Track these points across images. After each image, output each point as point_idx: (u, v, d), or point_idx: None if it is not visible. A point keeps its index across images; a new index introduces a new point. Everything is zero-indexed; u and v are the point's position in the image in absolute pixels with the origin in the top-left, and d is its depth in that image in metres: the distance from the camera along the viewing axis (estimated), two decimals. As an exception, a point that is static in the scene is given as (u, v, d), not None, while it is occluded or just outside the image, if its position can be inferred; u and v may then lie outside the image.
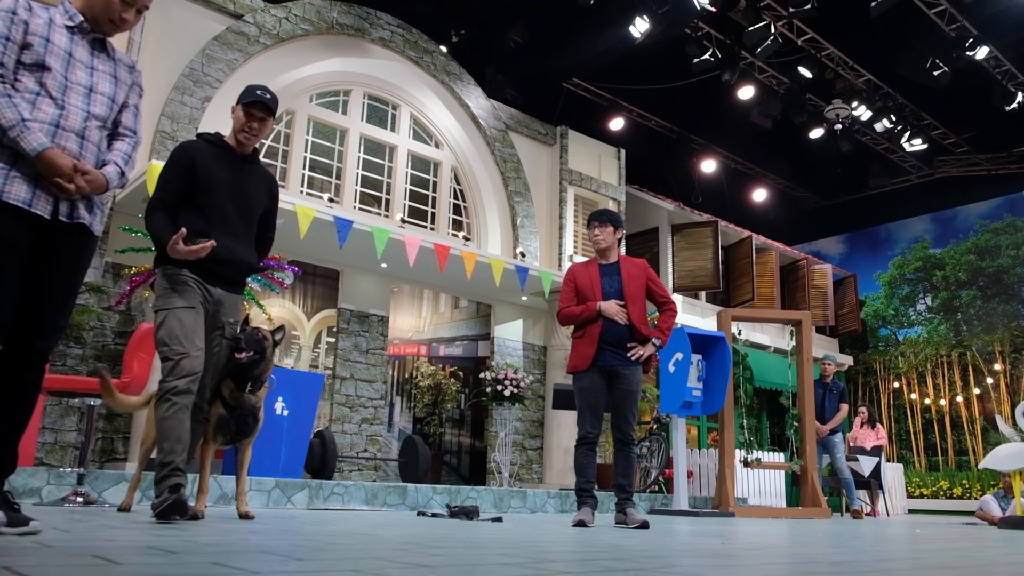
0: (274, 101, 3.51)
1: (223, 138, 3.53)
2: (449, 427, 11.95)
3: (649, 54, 12.11)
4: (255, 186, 3.55)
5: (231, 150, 3.50)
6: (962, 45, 11.51)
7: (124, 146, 2.67)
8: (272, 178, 3.73)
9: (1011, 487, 7.89)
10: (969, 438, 15.57)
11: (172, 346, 3.17)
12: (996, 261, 16.22)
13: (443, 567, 1.74)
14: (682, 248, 13.90)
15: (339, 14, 10.14)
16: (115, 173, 2.58)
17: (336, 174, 10.14)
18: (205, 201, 3.35)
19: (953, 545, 3.56)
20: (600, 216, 4.87)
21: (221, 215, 3.36)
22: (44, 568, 1.44)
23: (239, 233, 3.43)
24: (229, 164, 3.46)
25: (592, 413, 4.64)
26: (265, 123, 3.48)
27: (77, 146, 2.47)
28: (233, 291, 3.49)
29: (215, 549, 1.95)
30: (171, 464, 3.06)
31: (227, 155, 3.48)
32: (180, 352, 3.16)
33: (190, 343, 3.19)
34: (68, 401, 6.68)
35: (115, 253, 7.42)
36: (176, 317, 3.21)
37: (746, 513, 7.76)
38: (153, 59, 8.46)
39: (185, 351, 3.16)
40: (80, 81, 2.53)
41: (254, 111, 3.43)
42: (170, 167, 3.40)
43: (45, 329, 2.42)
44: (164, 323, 3.21)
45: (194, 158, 3.38)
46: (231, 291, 3.47)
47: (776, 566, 2.16)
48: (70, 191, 2.39)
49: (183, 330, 3.20)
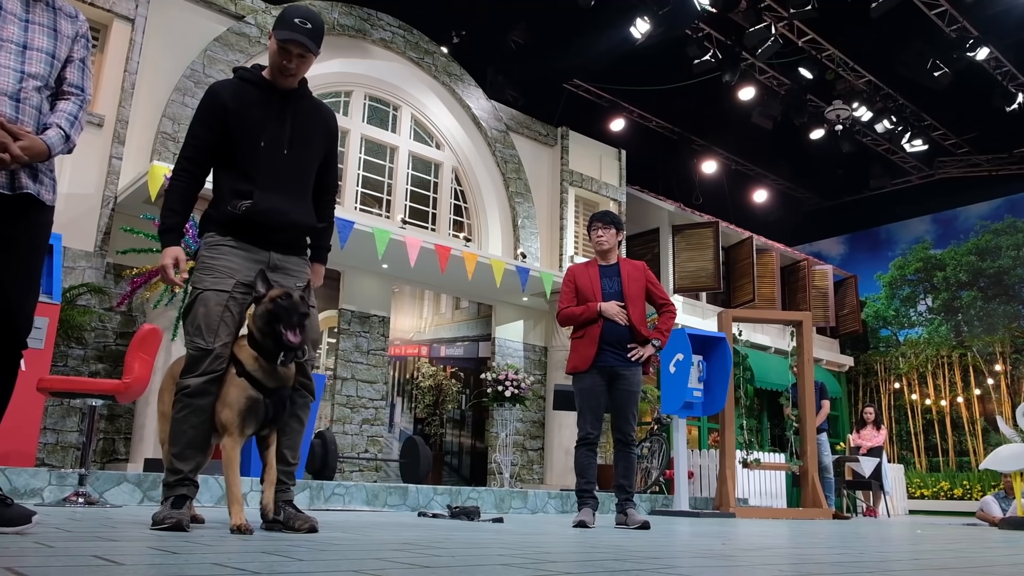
0: (315, 33, 2.81)
1: (261, 72, 2.92)
2: (450, 428, 11.94)
3: (650, 55, 12.12)
4: (308, 127, 2.94)
5: (272, 87, 2.88)
6: (963, 46, 11.51)
7: (69, 106, 2.40)
8: (329, 112, 3.09)
9: (1012, 488, 7.88)
10: (970, 439, 15.56)
11: (194, 339, 2.73)
12: (997, 262, 16.21)
13: (444, 568, 1.75)
14: (683, 249, 13.90)
15: (340, 15, 10.15)
16: (58, 138, 2.32)
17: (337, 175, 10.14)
18: (246, 154, 2.80)
19: (954, 546, 3.56)
20: (603, 217, 4.91)
21: (268, 169, 2.80)
22: (45, 568, 1.44)
23: (291, 189, 2.87)
24: (272, 105, 2.87)
25: (592, 414, 4.64)
26: (305, 60, 2.84)
27: (12, 110, 2.24)
28: (293, 254, 2.93)
29: (215, 549, 1.95)
30: (180, 473, 2.69)
31: (269, 94, 2.87)
32: (200, 347, 2.71)
33: (214, 336, 2.71)
34: (69, 402, 6.68)
35: (116, 254, 7.43)
36: (203, 303, 2.74)
37: (747, 514, 7.76)
38: (154, 60, 8.47)
39: (207, 347, 2.70)
40: (11, 37, 2.27)
41: (290, 48, 2.79)
42: (197, 118, 2.84)
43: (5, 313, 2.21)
44: (192, 308, 2.76)
45: (226, 103, 2.80)
46: (291, 254, 2.92)
47: (777, 567, 2.16)
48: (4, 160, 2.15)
49: (208, 320, 2.72)
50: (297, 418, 2.90)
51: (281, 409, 2.77)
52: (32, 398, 4.91)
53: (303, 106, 2.94)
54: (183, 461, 2.71)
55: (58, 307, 5.62)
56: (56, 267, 5.65)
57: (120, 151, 8.00)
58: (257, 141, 2.80)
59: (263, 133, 2.82)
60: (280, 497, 2.81)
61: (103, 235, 7.78)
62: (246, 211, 2.75)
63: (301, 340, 2.67)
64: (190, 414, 2.69)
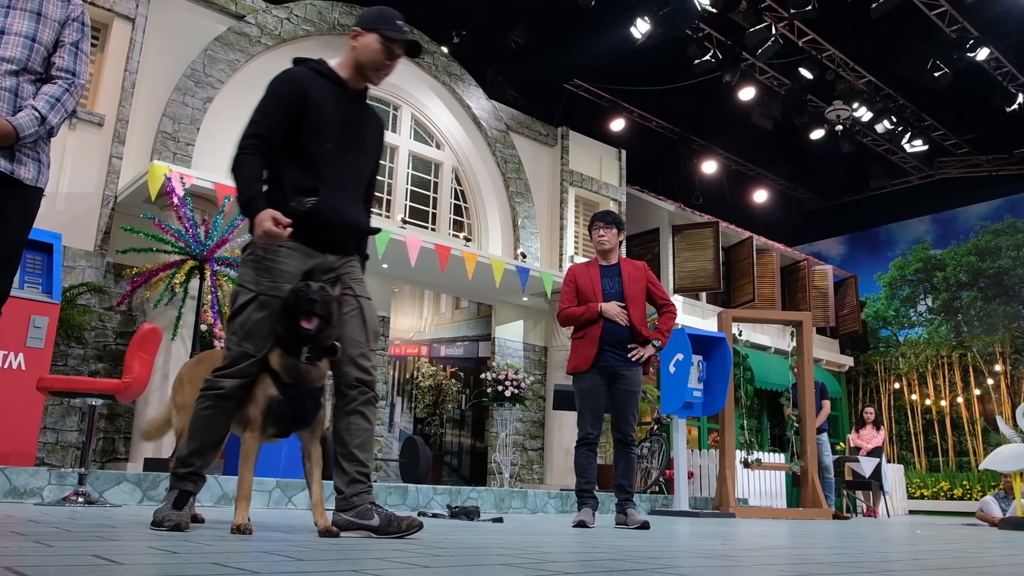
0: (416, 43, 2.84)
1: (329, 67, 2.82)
2: (450, 428, 11.95)
3: (650, 55, 12.12)
4: (370, 132, 2.86)
5: (344, 86, 2.79)
6: (963, 46, 11.51)
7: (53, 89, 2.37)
8: (382, 121, 3.02)
9: (1012, 488, 7.88)
10: (969, 439, 15.57)
11: (242, 342, 2.59)
12: (997, 262, 16.22)
13: (443, 567, 1.75)
14: (683, 249, 13.90)
15: (341, 15, 10.15)
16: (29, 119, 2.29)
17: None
18: (316, 149, 2.66)
19: (954, 546, 3.56)
20: (605, 217, 4.91)
21: (334, 168, 2.69)
22: (44, 568, 1.44)
23: (352, 190, 2.78)
24: (343, 103, 2.76)
25: (592, 414, 4.65)
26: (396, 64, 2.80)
27: None
28: (348, 256, 2.80)
29: (215, 549, 1.95)
30: (191, 467, 2.64)
31: (341, 91, 2.77)
32: (246, 352, 2.58)
33: (264, 342, 2.60)
34: (69, 401, 6.69)
35: (116, 253, 7.42)
36: (259, 307, 2.60)
37: (747, 514, 7.76)
38: (155, 59, 8.47)
39: (252, 352, 2.59)
40: None
41: (395, 48, 2.76)
42: (275, 98, 2.68)
43: None
44: (244, 309, 2.61)
45: (307, 91, 2.67)
46: (346, 256, 2.79)
47: (777, 567, 2.16)
48: None
49: (260, 326, 2.59)
50: (361, 415, 2.71)
51: (300, 408, 2.62)
52: (32, 397, 4.92)
53: (365, 110, 2.87)
54: (198, 457, 2.65)
55: (58, 306, 5.62)
56: (56, 267, 5.65)
57: (120, 150, 8.00)
58: (327, 137, 2.68)
59: (333, 130, 2.70)
60: (365, 499, 2.63)
61: (103, 235, 7.78)
62: (311, 208, 2.61)
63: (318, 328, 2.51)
64: (216, 415, 2.62)
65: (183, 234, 6.32)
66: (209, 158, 8.56)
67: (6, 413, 5.03)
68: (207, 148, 8.61)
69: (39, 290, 5.50)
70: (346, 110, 2.76)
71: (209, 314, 6.55)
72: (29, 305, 5.29)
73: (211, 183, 7.32)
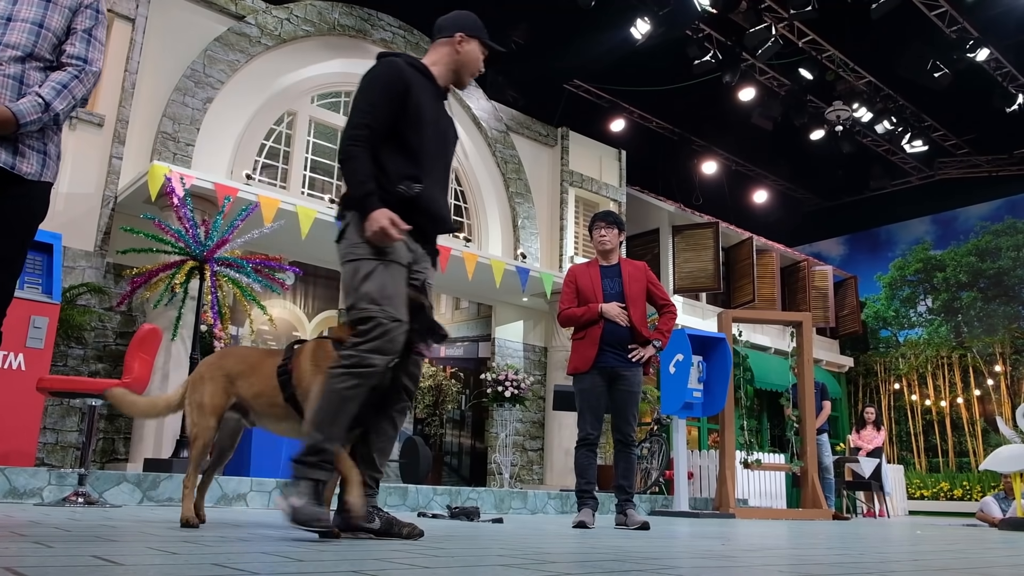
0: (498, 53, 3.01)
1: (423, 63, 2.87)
2: (450, 428, 11.94)
3: (650, 56, 12.12)
4: (450, 132, 2.94)
5: (435, 82, 2.86)
6: (963, 47, 11.51)
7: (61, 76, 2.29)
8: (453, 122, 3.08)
9: (1012, 488, 7.88)
10: (969, 440, 15.57)
11: (384, 306, 2.46)
12: (997, 263, 16.22)
13: (444, 568, 1.75)
14: (683, 249, 13.90)
15: (340, 15, 10.15)
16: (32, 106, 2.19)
17: (337, 175, 10.14)
18: (416, 142, 2.68)
19: (954, 546, 3.56)
20: (606, 217, 4.92)
21: (431, 160, 2.73)
22: (44, 569, 1.44)
23: (443, 185, 2.84)
24: (436, 100, 2.84)
25: (592, 414, 4.64)
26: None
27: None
28: (432, 251, 2.84)
29: (215, 549, 1.95)
30: (324, 453, 2.44)
31: (434, 88, 2.85)
32: (394, 318, 2.46)
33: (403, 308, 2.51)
34: (69, 402, 6.69)
35: (116, 254, 7.43)
36: (392, 274, 2.53)
37: (746, 514, 7.76)
38: (155, 60, 8.48)
39: (401, 319, 2.48)
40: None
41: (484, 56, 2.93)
42: (381, 90, 2.67)
43: None
44: (374, 275, 2.50)
45: (410, 82, 2.70)
46: (431, 251, 2.83)
47: (777, 568, 2.16)
48: None
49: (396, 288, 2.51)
50: (390, 420, 2.70)
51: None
52: (32, 398, 4.91)
53: (446, 108, 2.94)
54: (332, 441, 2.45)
55: (58, 307, 5.62)
56: (56, 267, 5.65)
57: (120, 151, 8.00)
58: (427, 130, 2.71)
59: (431, 124, 2.75)
60: (368, 502, 2.61)
61: (103, 235, 7.78)
62: (417, 194, 2.63)
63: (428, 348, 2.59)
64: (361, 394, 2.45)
65: (183, 234, 6.31)
66: (209, 158, 8.57)
67: (6, 413, 5.03)
68: (207, 148, 8.62)
69: (39, 290, 5.50)
70: (437, 108, 2.83)
71: (209, 314, 6.54)
72: (29, 305, 5.29)
73: (211, 183, 7.33)
